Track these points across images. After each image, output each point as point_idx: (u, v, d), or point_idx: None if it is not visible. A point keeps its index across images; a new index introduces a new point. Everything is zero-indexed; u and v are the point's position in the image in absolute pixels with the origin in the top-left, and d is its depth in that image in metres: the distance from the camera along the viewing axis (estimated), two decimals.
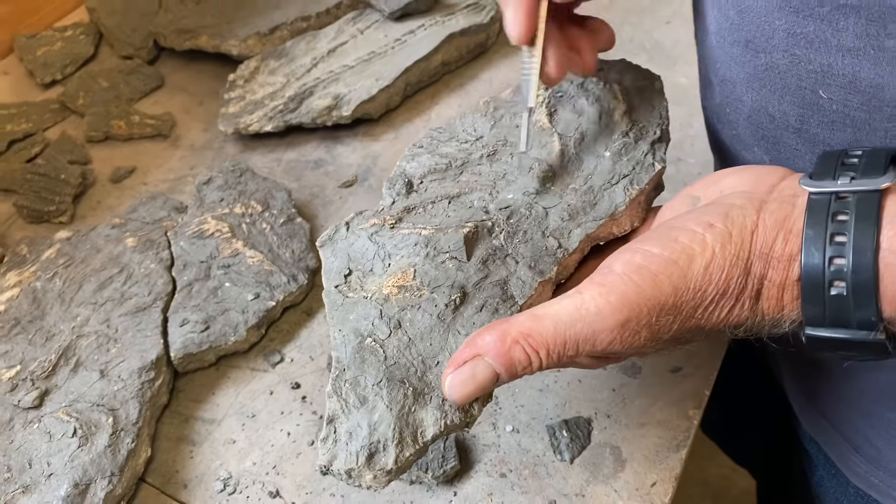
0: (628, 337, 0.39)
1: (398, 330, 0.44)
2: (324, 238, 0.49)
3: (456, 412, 0.42)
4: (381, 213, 0.49)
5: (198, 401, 0.61)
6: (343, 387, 0.43)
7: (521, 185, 0.49)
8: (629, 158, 0.50)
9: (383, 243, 0.47)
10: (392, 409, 0.42)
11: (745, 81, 0.50)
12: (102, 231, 0.69)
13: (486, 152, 0.51)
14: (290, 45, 0.85)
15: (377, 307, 0.44)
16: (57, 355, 0.59)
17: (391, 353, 0.43)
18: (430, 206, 0.48)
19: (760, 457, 0.89)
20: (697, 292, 0.39)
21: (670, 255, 0.39)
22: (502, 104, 0.55)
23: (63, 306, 0.63)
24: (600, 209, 0.48)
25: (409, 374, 0.43)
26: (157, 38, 0.89)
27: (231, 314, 0.63)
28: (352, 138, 0.81)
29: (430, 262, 0.45)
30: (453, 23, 0.86)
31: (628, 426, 0.58)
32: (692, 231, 0.40)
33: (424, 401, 0.42)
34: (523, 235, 0.47)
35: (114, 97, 0.85)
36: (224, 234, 0.68)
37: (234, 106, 0.80)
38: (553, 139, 0.51)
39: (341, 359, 0.44)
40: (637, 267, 0.39)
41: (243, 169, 0.74)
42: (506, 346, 0.40)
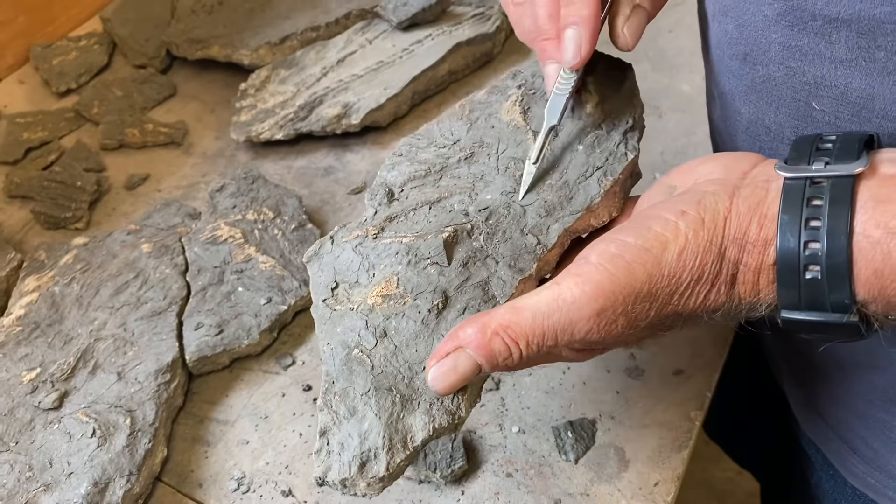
0: (605, 325, 0.40)
1: (384, 339, 0.45)
2: (310, 253, 0.50)
3: (444, 415, 0.43)
4: (364, 224, 0.50)
5: (212, 402, 0.63)
6: (332, 399, 0.44)
7: (499, 185, 0.50)
8: (602, 150, 0.50)
9: (367, 254, 0.48)
10: (381, 417, 0.43)
11: (743, 94, 0.51)
12: (118, 237, 0.70)
13: (464, 155, 0.52)
14: (300, 54, 0.87)
15: (363, 318, 0.46)
16: (75, 358, 0.61)
17: (378, 362, 0.44)
18: (412, 213, 0.49)
19: (762, 459, 0.90)
20: (672, 279, 0.40)
21: (644, 243, 0.40)
22: (477, 106, 0.55)
23: (81, 310, 0.65)
24: (576, 203, 0.49)
25: (396, 381, 0.44)
26: (169, 47, 0.91)
27: (244, 318, 0.64)
28: (360, 146, 0.83)
29: (413, 269, 0.47)
30: (460, 32, 0.87)
31: (632, 427, 0.60)
32: (665, 219, 0.41)
33: (412, 406, 0.43)
34: (503, 235, 0.48)
35: (127, 106, 0.87)
36: (237, 239, 0.69)
37: (246, 114, 0.82)
38: (528, 137, 0.52)
39: (330, 371, 0.45)
40: (611, 256, 0.40)
41: (255, 176, 0.75)
42: (486, 337, 0.41)
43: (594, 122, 0.52)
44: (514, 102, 0.54)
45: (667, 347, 0.64)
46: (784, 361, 0.69)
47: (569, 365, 0.63)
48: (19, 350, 0.62)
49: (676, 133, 0.82)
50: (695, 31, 0.93)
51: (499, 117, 0.54)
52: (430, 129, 0.55)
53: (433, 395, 0.43)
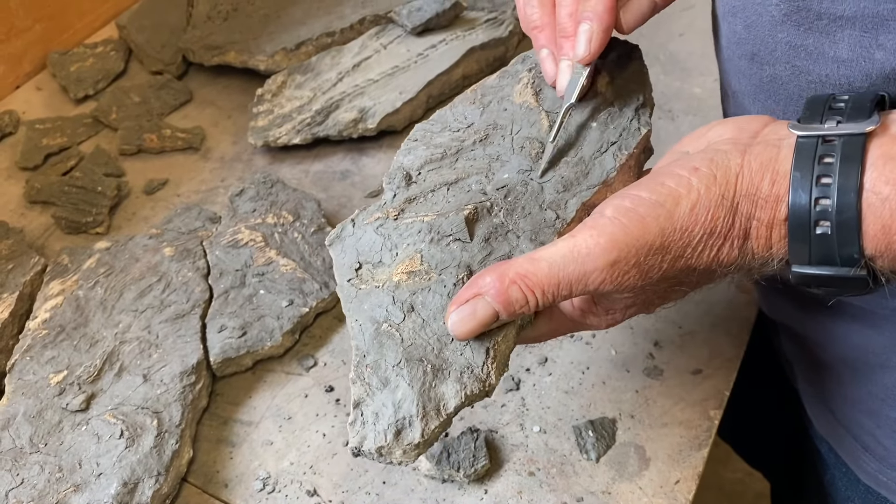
0: (618, 276, 0.41)
1: (411, 313, 0.46)
2: (331, 237, 0.51)
3: (474, 382, 0.44)
4: (383, 207, 0.51)
5: (236, 403, 0.64)
6: (365, 371, 0.45)
7: (515, 164, 0.51)
8: (616, 126, 0.52)
9: (389, 234, 0.49)
10: (413, 386, 0.44)
11: (752, 93, 0.52)
12: (140, 241, 0.71)
13: (479, 138, 0.53)
14: (315, 60, 0.88)
15: (389, 294, 0.47)
16: (101, 360, 0.62)
17: (407, 336, 0.45)
18: (430, 194, 0.51)
19: (774, 458, 0.91)
20: (684, 232, 0.41)
21: (657, 198, 0.41)
22: (489, 90, 0.56)
23: (105, 314, 0.65)
24: (593, 177, 0.50)
25: (426, 352, 0.45)
26: (185, 53, 0.92)
27: (267, 320, 0.65)
28: (376, 150, 0.84)
29: (436, 246, 0.48)
30: (473, 37, 0.88)
31: (651, 426, 0.60)
32: (678, 175, 0.42)
33: (444, 375, 0.44)
34: (522, 211, 0.49)
35: (145, 111, 0.88)
36: (258, 243, 0.70)
37: (263, 119, 0.83)
38: (541, 117, 0.53)
39: (360, 346, 0.46)
40: (626, 210, 0.41)
41: (274, 181, 0.76)
42: (504, 285, 0.42)
43: (606, 101, 0.53)
44: (525, 85, 0.55)
45: (685, 347, 0.65)
46: (797, 361, 0.69)
47: (588, 365, 0.64)
48: (46, 353, 0.63)
49: None
50: (706, 35, 0.95)
51: (511, 100, 0.55)
52: (443, 115, 0.56)
53: (463, 365, 0.44)
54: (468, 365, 0.44)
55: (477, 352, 0.44)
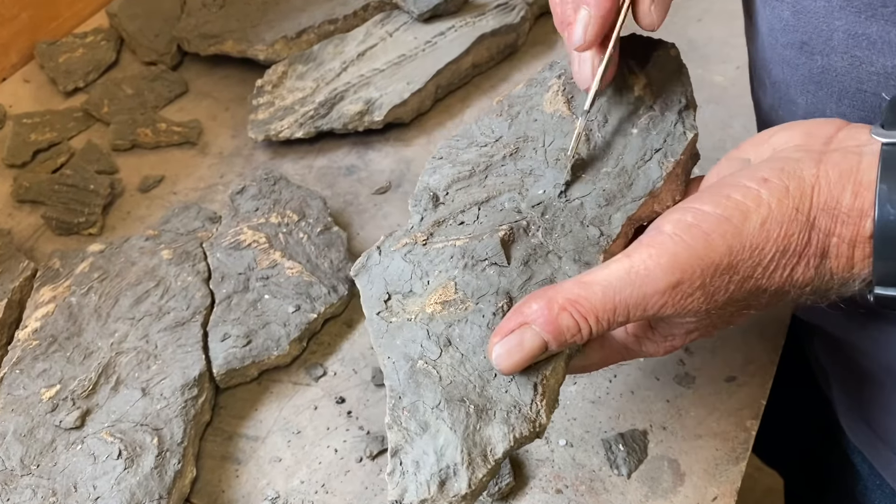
0: (681, 300, 0.37)
1: (448, 347, 0.42)
2: (357, 267, 0.47)
3: (523, 423, 0.40)
4: (411, 232, 0.47)
5: (240, 417, 0.60)
6: (402, 415, 0.41)
7: (551, 178, 0.48)
8: (658, 131, 0.48)
9: (418, 261, 0.45)
10: (456, 430, 0.40)
11: (800, 84, 0.48)
12: (136, 243, 0.67)
13: (508, 152, 0.50)
14: (317, 48, 0.83)
15: (423, 328, 0.43)
16: (97, 373, 0.58)
17: (446, 373, 0.42)
18: (460, 215, 0.47)
19: (793, 459, 0.87)
20: (755, 250, 0.37)
21: (723, 212, 0.37)
22: (516, 101, 0.53)
23: (100, 322, 0.61)
24: (637, 188, 0.47)
25: (467, 391, 0.41)
26: (180, 43, 0.88)
27: (272, 327, 0.61)
28: (383, 143, 0.80)
29: (470, 272, 0.44)
30: (483, 23, 0.84)
31: (685, 438, 0.57)
32: (745, 187, 0.38)
33: (488, 416, 0.40)
34: (562, 229, 0.46)
35: (138, 104, 0.84)
36: (261, 244, 0.66)
37: (264, 112, 0.79)
38: (575, 126, 0.49)
39: (395, 387, 0.42)
40: (688, 226, 0.38)
41: (277, 177, 0.72)
42: (553, 313, 0.38)
43: (645, 104, 0.49)
44: (556, 93, 0.52)
45: (717, 353, 0.61)
46: (833, 367, 0.66)
47: (615, 373, 0.60)
48: (37, 366, 0.59)
49: (713, 126, 0.79)
50: (724, 20, 0.91)
51: (541, 109, 0.51)
52: (468, 130, 0.53)
53: (510, 403, 0.40)
54: (515, 403, 0.40)
55: (524, 388, 0.40)
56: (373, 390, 0.60)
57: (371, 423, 0.58)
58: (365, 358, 0.62)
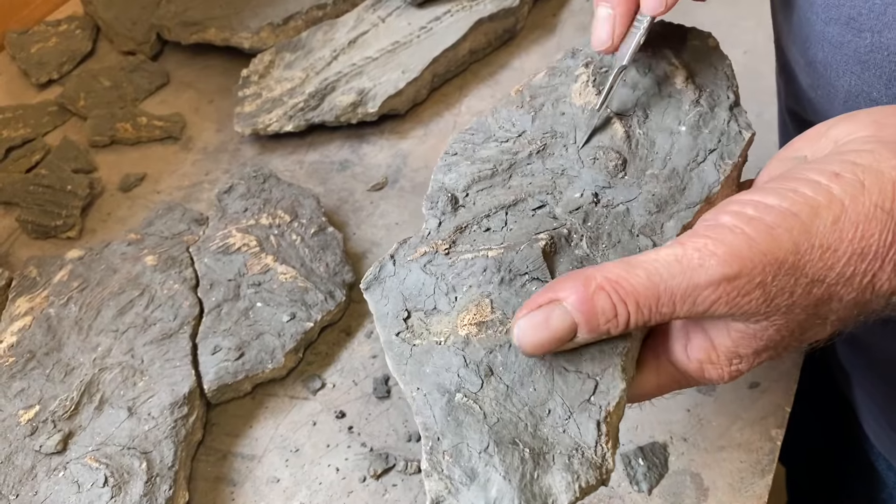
0: (736, 297, 0.33)
1: (490, 378, 0.37)
2: (368, 279, 0.41)
3: (588, 469, 0.35)
4: (428, 239, 0.42)
5: (234, 435, 0.56)
6: (443, 461, 0.35)
7: (588, 179, 0.43)
8: (711, 129, 0.44)
9: (442, 274, 0.40)
10: (511, 479, 0.35)
11: (843, 64, 0.45)
12: (118, 248, 0.63)
13: (535, 149, 0.45)
14: (305, 35, 0.79)
15: (458, 353, 0.38)
16: (79, 392, 0.54)
17: (490, 409, 0.36)
18: (485, 220, 0.42)
19: (813, 464, 0.84)
20: (826, 251, 0.33)
21: (790, 206, 0.33)
22: (538, 91, 0.48)
23: (81, 335, 0.57)
24: (692, 194, 0.42)
25: (518, 431, 0.36)
26: (160, 31, 0.83)
27: (266, 338, 0.57)
28: (378, 136, 0.76)
29: (508, 288, 0.39)
30: (481, 7, 0.80)
31: (707, 450, 0.54)
32: (815, 182, 0.34)
33: (547, 462, 0.35)
34: (608, 239, 0.41)
35: (117, 97, 0.79)
36: (252, 248, 0.62)
37: (250, 104, 0.75)
38: (613, 121, 0.45)
39: (430, 425, 0.36)
40: (749, 219, 0.33)
41: (266, 175, 0.68)
42: (589, 291, 0.34)
43: (691, 99, 0.45)
44: (585, 83, 0.47)
45: None
46: (856, 370, 0.63)
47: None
48: (14, 385, 0.55)
49: None
50: (730, 2, 0.87)
51: (569, 101, 0.46)
52: (483, 122, 0.48)
53: (570, 446, 0.35)
54: (577, 446, 0.35)
55: (585, 427, 0.36)
56: (374, 403, 0.57)
57: (374, 439, 0.55)
58: (365, 368, 0.59)
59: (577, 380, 0.37)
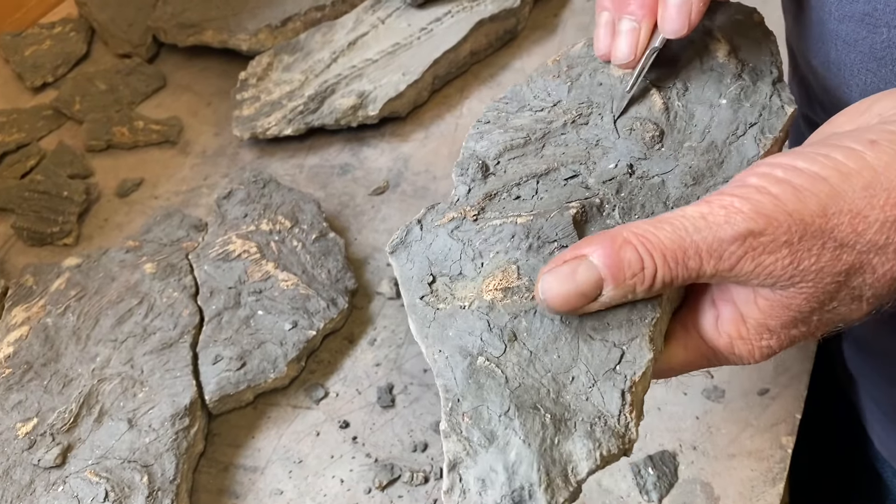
0: (762, 254, 0.32)
1: (514, 343, 0.36)
2: (394, 242, 0.41)
3: (610, 438, 0.34)
4: (457, 205, 0.41)
5: (236, 445, 0.55)
6: (462, 422, 0.35)
7: (623, 150, 0.42)
8: (752, 103, 0.43)
9: (469, 239, 0.40)
10: (530, 443, 0.34)
11: (858, 63, 0.44)
12: (116, 256, 0.62)
13: (570, 119, 0.44)
14: (304, 37, 0.78)
15: (482, 317, 0.37)
16: (78, 404, 0.53)
17: (512, 374, 0.36)
18: (516, 188, 0.41)
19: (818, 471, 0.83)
20: (855, 217, 0.32)
21: (819, 170, 0.33)
22: (576, 62, 0.47)
23: (79, 345, 0.56)
24: (729, 167, 0.41)
25: (540, 396, 0.35)
26: (156, 33, 0.82)
27: (268, 347, 0.56)
28: (378, 139, 0.75)
29: (535, 255, 0.38)
30: (482, 8, 0.79)
31: (717, 458, 0.53)
32: (848, 147, 0.33)
33: (568, 429, 0.34)
34: (642, 210, 0.40)
35: (113, 101, 0.78)
36: (252, 254, 0.61)
37: (249, 108, 0.74)
38: (651, 92, 0.44)
39: (450, 387, 0.36)
40: (776, 180, 0.33)
41: (266, 179, 0.67)
42: (616, 244, 0.34)
43: (732, 73, 0.44)
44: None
45: None
46: (863, 376, 0.62)
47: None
48: (11, 397, 0.53)
49: None
50: None
51: (608, 73, 0.46)
52: (518, 91, 0.47)
53: (592, 414, 0.35)
54: (599, 414, 0.35)
55: (609, 396, 0.35)
56: (379, 412, 0.56)
57: (379, 450, 0.54)
58: (369, 377, 0.58)
59: (603, 348, 0.36)
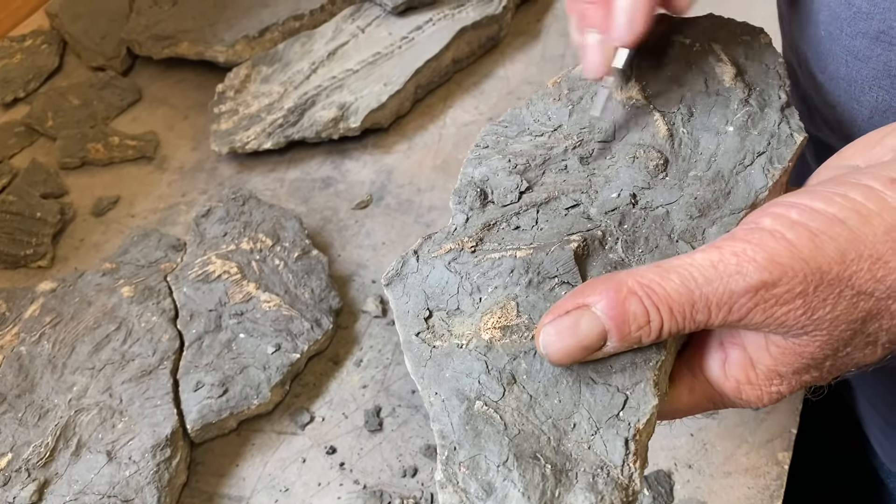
0: (774, 305, 0.31)
1: (513, 386, 0.35)
2: (390, 274, 0.40)
3: (614, 490, 0.33)
4: (455, 236, 0.40)
5: (220, 475, 0.54)
6: (458, 472, 0.34)
7: (626, 179, 0.41)
8: (760, 131, 0.42)
9: (467, 273, 0.38)
10: (530, 496, 0.33)
11: (871, 79, 0.43)
12: (92, 279, 0.60)
13: (571, 144, 0.43)
14: (282, 48, 0.76)
15: (480, 358, 0.36)
16: (54, 437, 0.51)
17: (511, 420, 0.34)
18: (515, 218, 0.40)
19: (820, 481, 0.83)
20: (876, 262, 0.31)
21: (837, 212, 0.31)
22: (577, 84, 0.46)
23: (55, 374, 0.54)
24: (737, 198, 0.40)
25: (540, 445, 0.34)
26: (130, 45, 0.80)
27: (251, 371, 0.55)
28: (360, 151, 0.73)
29: (535, 291, 0.37)
30: (463, 15, 0.77)
31: (713, 476, 0.52)
32: (867, 187, 0.32)
33: (569, 480, 0.33)
34: (645, 243, 0.39)
35: (87, 116, 0.76)
36: (233, 275, 0.60)
37: (227, 121, 0.72)
38: (654, 118, 0.43)
39: (447, 433, 0.35)
40: (792, 223, 0.31)
41: (246, 196, 0.65)
42: (620, 296, 0.32)
43: (739, 98, 0.43)
44: (628, 76, 0.45)
45: None
46: (862, 385, 0.62)
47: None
48: None
49: None
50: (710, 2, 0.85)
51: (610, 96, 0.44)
52: (517, 114, 0.45)
53: (595, 464, 0.34)
54: (602, 464, 0.33)
55: (612, 444, 0.34)
56: (366, 437, 0.54)
57: (367, 476, 0.53)
58: (355, 400, 0.56)
59: (606, 393, 0.35)
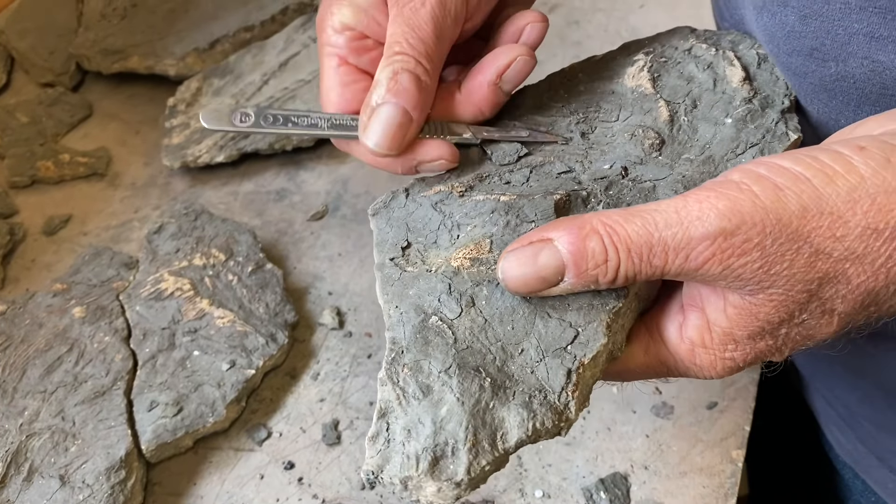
0: (731, 256, 0.32)
1: (471, 308, 0.36)
2: (377, 205, 0.42)
3: (547, 412, 0.34)
4: (447, 180, 0.42)
5: (177, 494, 0.53)
6: (400, 372, 0.35)
7: (621, 153, 0.43)
8: (757, 126, 0.44)
9: (450, 212, 0.40)
10: (464, 402, 0.34)
11: (810, 93, 0.44)
12: (42, 300, 0.59)
13: (575, 119, 0.45)
14: (234, 59, 0.76)
15: (444, 281, 0.37)
16: (5, 463, 0.50)
17: (462, 336, 0.36)
18: (508, 174, 0.42)
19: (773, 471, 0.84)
20: (836, 221, 0.31)
21: (804, 170, 0.32)
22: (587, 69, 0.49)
23: (5, 399, 0.54)
24: None
25: (485, 361, 0.35)
26: (79, 60, 0.79)
27: (205, 389, 0.55)
28: (315, 162, 0.73)
29: (512, 232, 0.38)
30: None
31: (669, 477, 0.52)
32: (836, 151, 0.32)
33: (506, 396, 0.34)
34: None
35: (36, 133, 0.75)
36: (185, 292, 0.59)
37: (178, 135, 0.71)
38: (659, 105, 0.45)
39: (398, 339, 0.36)
40: (758, 177, 0.32)
41: (198, 211, 0.65)
42: (583, 232, 0.33)
43: (743, 97, 0.45)
44: (641, 68, 0.47)
45: None
46: (816, 380, 0.63)
47: (588, 409, 0.55)
48: None
49: None
50: (667, 7, 0.86)
51: (621, 82, 0.47)
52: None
53: (534, 386, 0.35)
54: (541, 387, 0.35)
55: (554, 372, 0.35)
56: (324, 451, 0.54)
57: (326, 490, 0.52)
58: (313, 414, 0.56)
59: (559, 327, 0.36)
